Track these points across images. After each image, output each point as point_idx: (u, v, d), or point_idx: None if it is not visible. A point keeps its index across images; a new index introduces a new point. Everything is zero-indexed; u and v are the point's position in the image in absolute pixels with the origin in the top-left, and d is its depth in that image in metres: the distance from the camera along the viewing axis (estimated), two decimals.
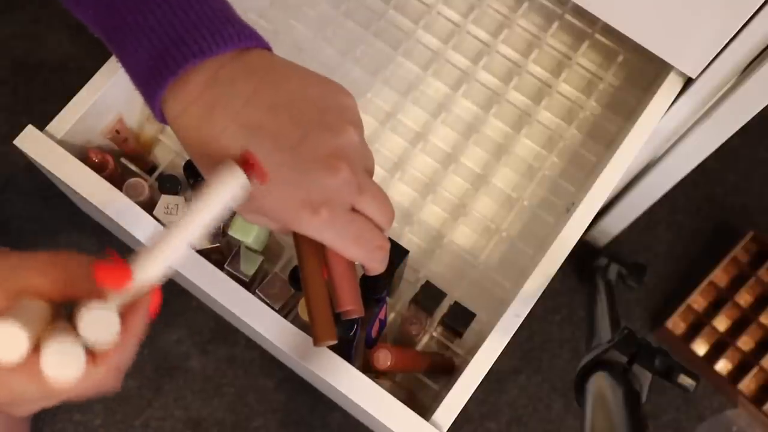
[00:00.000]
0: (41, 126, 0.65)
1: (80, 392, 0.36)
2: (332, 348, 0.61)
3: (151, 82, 0.44)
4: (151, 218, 0.63)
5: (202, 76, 0.44)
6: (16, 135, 0.64)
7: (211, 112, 0.44)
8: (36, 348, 0.34)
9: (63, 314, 0.38)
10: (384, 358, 0.61)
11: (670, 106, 0.73)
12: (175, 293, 0.94)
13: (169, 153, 0.77)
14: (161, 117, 0.47)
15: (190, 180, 0.66)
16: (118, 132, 0.71)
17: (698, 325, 1.10)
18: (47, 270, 0.36)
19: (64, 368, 0.34)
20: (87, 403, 1.01)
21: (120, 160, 0.72)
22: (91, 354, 0.36)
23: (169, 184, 0.68)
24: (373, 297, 0.63)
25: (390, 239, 0.66)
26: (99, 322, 0.35)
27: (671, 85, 0.72)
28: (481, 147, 0.79)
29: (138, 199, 0.66)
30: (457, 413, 0.61)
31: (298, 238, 0.50)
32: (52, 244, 1.06)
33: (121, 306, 0.37)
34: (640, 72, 0.81)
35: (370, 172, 0.49)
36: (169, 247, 0.40)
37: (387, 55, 0.81)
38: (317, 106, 0.46)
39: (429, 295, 0.67)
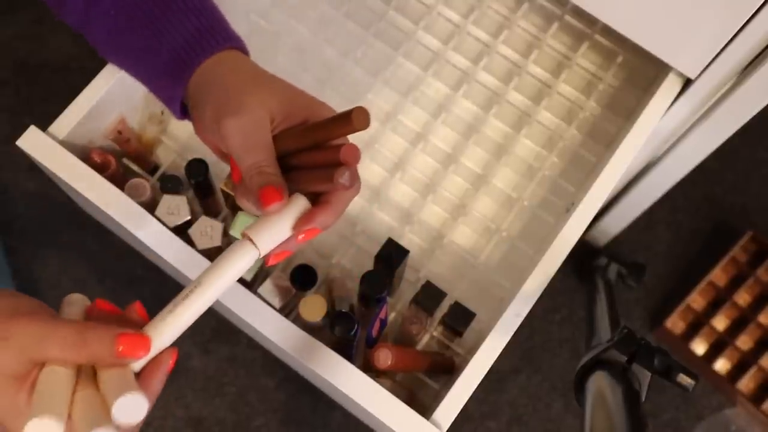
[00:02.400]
0: (43, 127, 0.65)
1: None
2: (333, 347, 0.61)
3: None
4: (153, 218, 0.63)
5: None
6: (19, 136, 0.64)
7: None
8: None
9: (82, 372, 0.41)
10: (384, 357, 0.61)
11: (670, 106, 0.73)
12: (176, 293, 0.95)
13: (170, 153, 0.77)
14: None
15: (191, 180, 0.66)
16: (120, 132, 0.72)
17: (697, 324, 1.10)
18: (72, 342, 0.39)
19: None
20: None
21: (122, 160, 0.72)
22: None
23: (170, 185, 0.68)
24: (373, 297, 0.64)
25: (390, 239, 0.66)
26: (131, 406, 0.38)
27: (671, 85, 0.73)
28: (482, 147, 0.80)
29: (140, 200, 0.66)
30: (458, 412, 0.61)
31: None
32: (53, 244, 1.07)
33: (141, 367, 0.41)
34: (639, 72, 0.82)
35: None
36: (184, 315, 0.43)
37: (387, 55, 0.82)
38: None
39: (429, 295, 0.67)
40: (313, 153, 0.49)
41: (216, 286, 0.44)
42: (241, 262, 0.45)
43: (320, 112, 0.50)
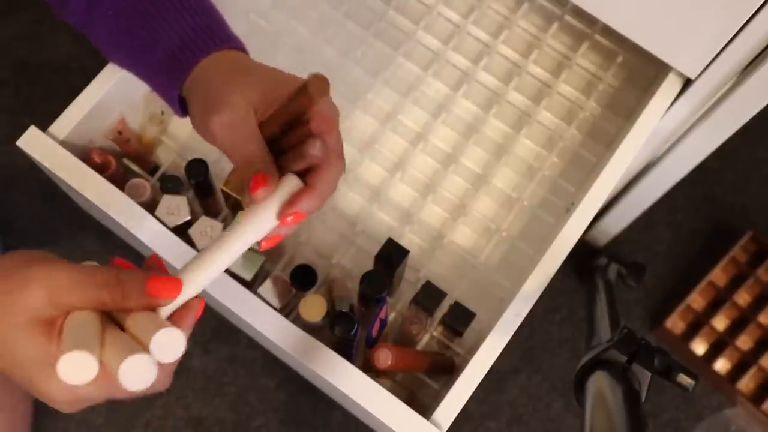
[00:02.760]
0: (43, 127, 0.65)
1: (140, 394, 0.39)
2: (333, 347, 0.61)
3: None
4: (152, 218, 0.63)
5: None
6: (19, 136, 0.64)
7: None
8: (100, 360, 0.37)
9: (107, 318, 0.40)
10: (384, 357, 0.61)
11: (670, 106, 0.73)
12: None
13: (170, 153, 0.77)
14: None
15: (191, 180, 0.66)
16: (120, 133, 0.72)
17: (697, 324, 1.10)
18: (106, 283, 0.38)
19: (138, 380, 0.36)
20: None
21: (122, 160, 0.72)
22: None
23: (170, 185, 0.68)
24: (373, 297, 0.64)
25: (390, 239, 0.66)
26: (168, 342, 0.37)
27: (671, 85, 0.73)
28: (482, 147, 0.80)
29: (140, 200, 0.66)
30: (458, 412, 0.61)
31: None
32: (54, 244, 1.07)
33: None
34: (639, 72, 0.82)
35: None
36: (214, 261, 0.43)
37: (387, 55, 0.82)
38: None
39: (429, 295, 0.67)
40: (292, 132, 0.49)
41: (242, 239, 0.44)
42: (259, 223, 0.45)
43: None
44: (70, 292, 0.38)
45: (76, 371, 0.35)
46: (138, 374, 0.36)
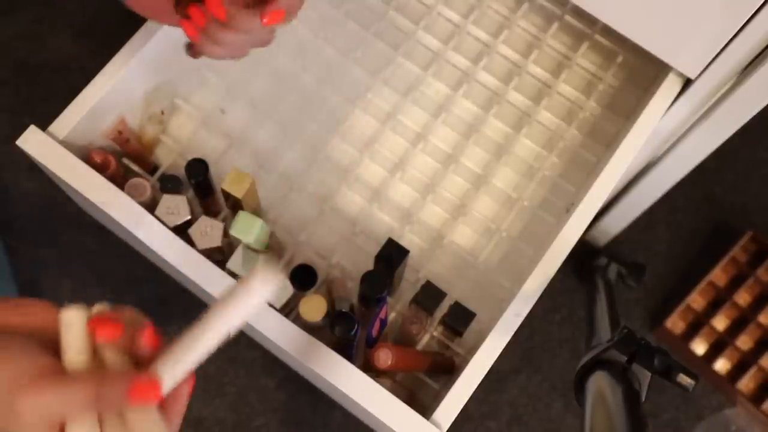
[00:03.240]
0: (43, 126, 0.65)
1: None
2: (333, 347, 0.61)
3: None
4: (152, 218, 0.63)
5: None
6: (19, 135, 0.64)
7: None
8: None
9: None
10: (384, 357, 0.61)
11: (670, 106, 0.73)
12: (176, 293, 0.95)
13: (170, 153, 0.77)
14: None
15: (191, 180, 0.66)
16: (120, 132, 0.72)
17: (697, 324, 1.10)
18: (86, 401, 0.38)
19: None
20: None
21: (122, 160, 0.72)
22: None
23: (170, 184, 0.68)
24: (373, 297, 0.64)
25: (390, 239, 0.66)
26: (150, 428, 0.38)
27: (671, 85, 0.73)
28: (482, 147, 0.80)
29: (140, 200, 0.66)
30: (458, 412, 0.61)
31: None
32: (54, 244, 1.07)
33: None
34: (639, 72, 0.82)
35: None
36: (192, 352, 0.42)
37: (387, 55, 0.82)
38: None
39: (429, 295, 0.67)
40: None
41: (223, 323, 0.43)
42: (251, 297, 0.44)
43: None
44: (56, 414, 0.38)
45: None
46: None
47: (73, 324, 0.41)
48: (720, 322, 1.10)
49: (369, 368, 0.64)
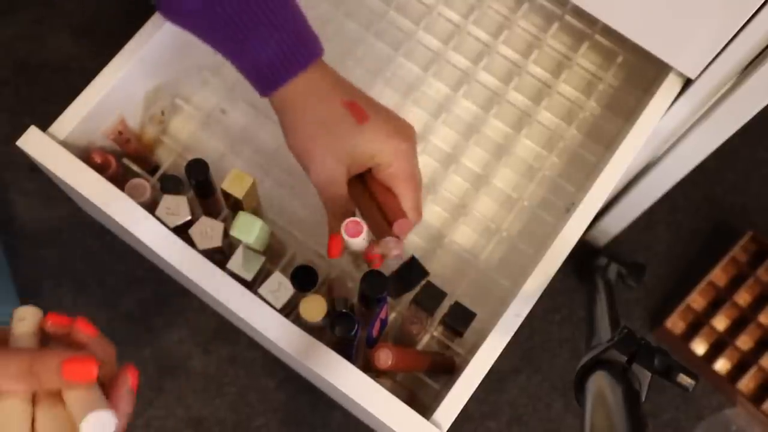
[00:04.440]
0: (44, 127, 0.65)
1: None
2: (333, 347, 0.61)
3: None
4: (153, 218, 0.63)
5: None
6: (19, 136, 0.64)
7: None
8: None
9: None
10: (385, 357, 0.61)
11: (670, 106, 0.73)
12: (176, 293, 0.95)
13: (171, 153, 0.77)
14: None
15: (191, 180, 0.66)
16: (120, 133, 0.72)
17: (697, 324, 1.10)
18: (20, 374, 0.39)
19: None
20: None
21: (122, 160, 0.72)
22: None
23: (171, 185, 0.68)
24: (374, 297, 0.64)
25: (414, 258, 0.69)
26: (99, 424, 0.38)
27: (671, 85, 0.73)
28: (482, 147, 0.80)
29: (140, 200, 0.66)
30: (458, 412, 0.61)
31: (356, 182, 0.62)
32: (53, 245, 1.07)
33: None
34: (639, 72, 0.82)
35: None
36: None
37: (388, 55, 0.82)
38: None
39: (429, 295, 0.67)
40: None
41: None
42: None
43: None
44: None
45: None
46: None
47: (25, 318, 0.43)
48: (720, 322, 1.10)
49: (369, 368, 0.64)
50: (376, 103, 0.61)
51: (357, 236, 0.59)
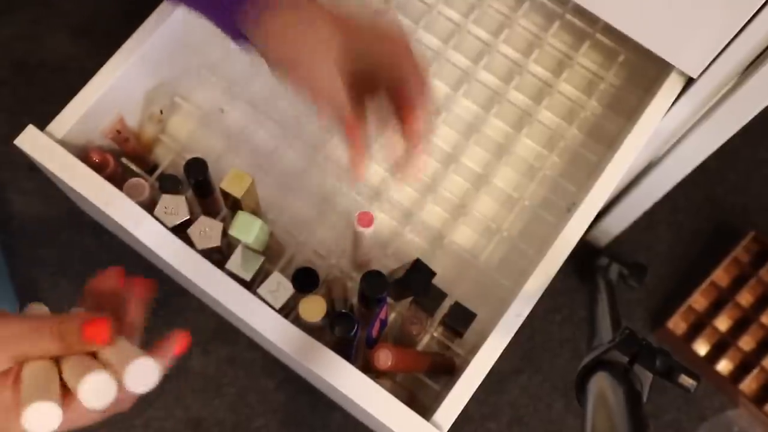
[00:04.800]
0: (42, 126, 0.65)
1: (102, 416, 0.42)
2: (333, 348, 0.61)
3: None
4: (151, 218, 0.63)
5: None
6: (17, 135, 0.64)
7: None
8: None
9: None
10: (384, 358, 0.61)
11: (671, 106, 0.73)
12: (175, 293, 0.94)
13: (169, 153, 0.77)
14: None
15: (190, 180, 0.66)
16: (118, 132, 0.71)
17: (699, 325, 1.10)
18: (49, 339, 0.41)
19: (100, 398, 0.39)
20: None
21: (121, 159, 0.72)
22: None
23: (169, 184, 0.68)
24: (373, 297, 0.63)
25: (419, 260, 0.66)
26: (141, 372, 0.40)
27: (672, 85, 0.72)
28: (482, 147, 0.79)
29: (139, 199, 0.66)
30: (458, 413, 0.61)
31: None
32: (52, 244, 1.06)
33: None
34: (641, 72, 0.81)
35: None
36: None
37: None
38: None
39: (430, 295, 0.67)
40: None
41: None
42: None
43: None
44: (18, 345, 0.40)
45: (40, 421, 0.37)
46: (99, 392, 0.38)
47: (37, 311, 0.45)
48: (722, 323, 1.10)
49: (369, 369, 0.63)
50: (359, 9, 0.59)
51: (369, 226, 0.58)
